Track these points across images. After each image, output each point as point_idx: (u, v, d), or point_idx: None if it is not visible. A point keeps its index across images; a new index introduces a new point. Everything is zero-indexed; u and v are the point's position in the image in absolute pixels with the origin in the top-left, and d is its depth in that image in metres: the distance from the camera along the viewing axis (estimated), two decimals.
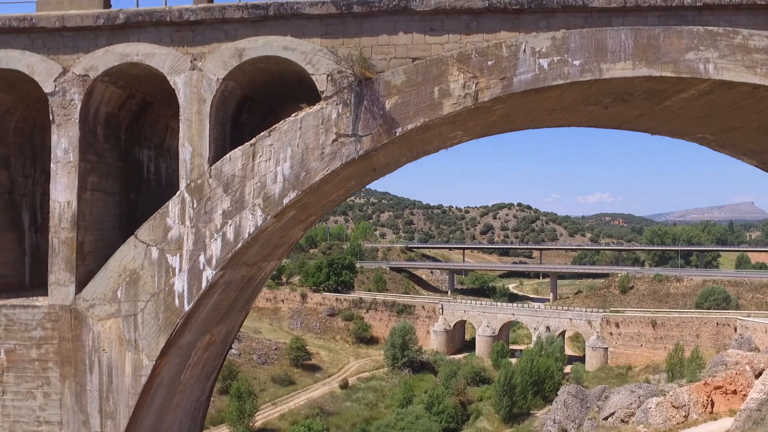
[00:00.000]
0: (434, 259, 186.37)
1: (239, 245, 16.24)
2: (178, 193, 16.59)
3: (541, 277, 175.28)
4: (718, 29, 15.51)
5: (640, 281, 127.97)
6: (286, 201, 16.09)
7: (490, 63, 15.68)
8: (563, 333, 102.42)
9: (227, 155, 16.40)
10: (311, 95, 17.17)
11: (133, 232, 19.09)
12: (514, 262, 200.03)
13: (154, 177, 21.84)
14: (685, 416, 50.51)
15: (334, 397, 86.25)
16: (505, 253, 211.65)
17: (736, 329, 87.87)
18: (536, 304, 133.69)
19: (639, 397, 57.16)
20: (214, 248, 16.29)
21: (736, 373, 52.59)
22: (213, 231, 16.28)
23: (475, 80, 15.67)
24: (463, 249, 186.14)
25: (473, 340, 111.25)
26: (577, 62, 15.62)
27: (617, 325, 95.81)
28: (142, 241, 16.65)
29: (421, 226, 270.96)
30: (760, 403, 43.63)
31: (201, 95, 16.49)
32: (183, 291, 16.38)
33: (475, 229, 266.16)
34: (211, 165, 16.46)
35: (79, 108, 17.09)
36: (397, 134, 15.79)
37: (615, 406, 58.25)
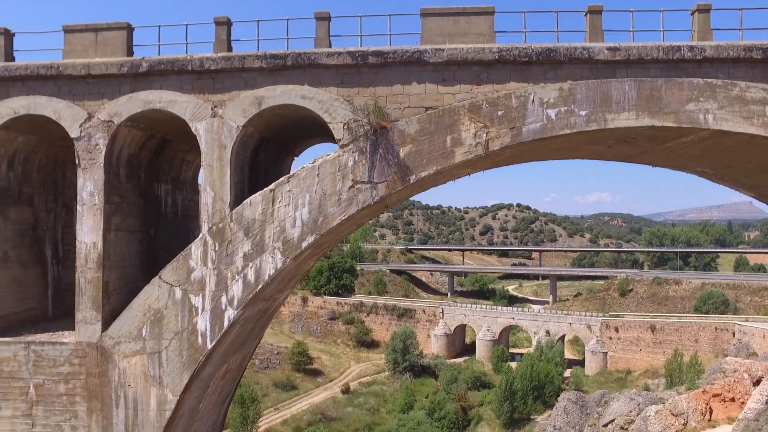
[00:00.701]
0: (434, 261, 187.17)
1: (260, 286, 16.96)
2: (200, 236, 17.29)
3: (540, 279, 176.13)
4: (717, 81, 16.26)
5: (639, 284, 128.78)
6: (304, 244, 16.81)
7: (500, 113, 16.41)
8: (563, 337, 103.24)
9: (248, 200, 17.10)
10: (326, 133, 17.90)
11: (153, 267, 19.87)
12: (514, 264, 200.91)
13: (171, 210, 22.54)
14: (684, 424, 51.39)
15: (336, 402, 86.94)
16: (504, 254, 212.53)
17: (734, 334, 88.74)
18: (536, 307, 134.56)
19: (638, 405, 58.05)
20: (236, 289, 17.00)
21: (735, 381, 53.46)
22: (234, 273, 16.99)
23: (486, 130, 16.39)
24: (463, 251, 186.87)
25: (473, 343, 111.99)
26: (583, 112, 16.35)
27: (616, 330, 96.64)
28: (166, 282, 17.35)
29: (420, 226, 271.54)
30: (757, 413, 44.46)
31: (222, 142, 17.19)
32: (206, 330, 17.09)
33: (474, 230, 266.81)
34: (232, 209, 17.16)
35: (103, 152, 17.79)
36: (411, 181, 16.52)
37: (615, 413, 59.15)
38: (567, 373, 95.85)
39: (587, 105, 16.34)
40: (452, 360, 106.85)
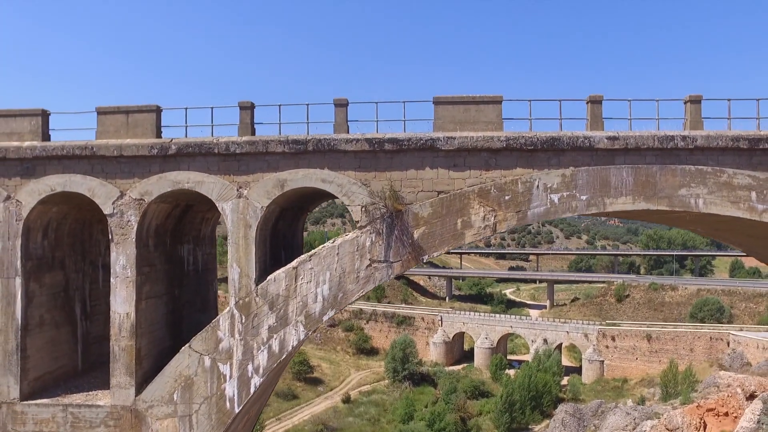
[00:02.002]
0: (432, 264, 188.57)
1: (284, 356, 18.24)
2: (227, 309, 18.53)
3: (538, 282, 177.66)
4: (707, 168, 17.58)
5: (636, 290, 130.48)
6: (325, 318, 18.09)
7: (507, 198, 17.70)
8: (560, 345, 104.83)
9: (272, 276, 18.36)
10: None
11: (178, 325, 21.17)
12: (511, 267, 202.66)
13: (193, 267, 23.76)
14: None
15: (337, 412, 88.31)
16: (501, 256, 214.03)
17: (729, 344, 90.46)
18: (534, 313, 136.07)
19: (634, 420, 59.67)
20: (261, 358, 18.26)
21: (728, 396, 55.00)
22: (260, 343, 18.25)
23: (494, 213, 17.68)
24: (461, 254, 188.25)
25: (472, 350, 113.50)
26: (584, 197, 17.65)
27: (613, 339, 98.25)
28: (196, 351, 18.59)
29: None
30: None
31: (247, 221, 18.42)
32: (233, 395, 18.35)
33: None
34: (257, 284, 18.40)
35: (135, 228, 19.01)
36: (424, 260, 17.81)
37: (611, 427, 60.76)
38: (564, 381, 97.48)
39: (588, 190, 17.64)
40: (451, 367, 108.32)
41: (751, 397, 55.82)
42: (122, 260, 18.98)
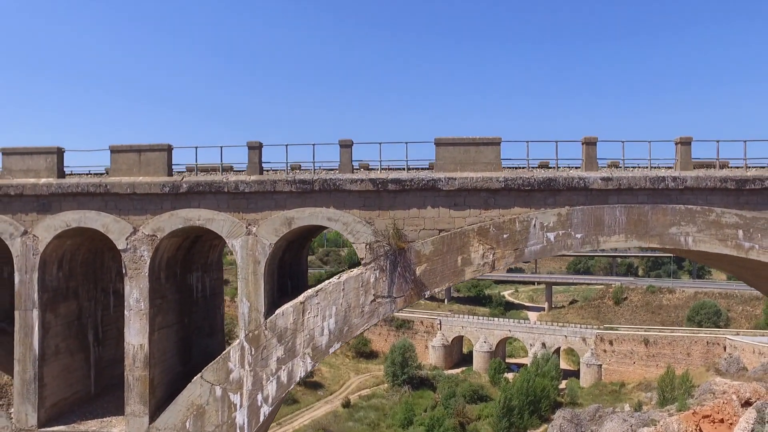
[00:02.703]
0: None
1: (292, 386, 19.04)
2: (237, 341, 19.31)
3: (536, 284, 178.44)
4: (697, 208, 18.37)
5: (634, 292, 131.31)
6: (331, 350, 18.88)
7: (505, 236, 18.49)
8: (558, 349, 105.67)
9: (280, 310, 19.14)
10: None
11: (188, 351, 21.94)
12: (510, 268, 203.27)
13: (201, 293, 24.53)
14: None
15: (337, 417, 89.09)
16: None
17: (725, 348, 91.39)
18: (532, 316, 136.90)
19: (631, 426, 60.56)
20: (270, 389, 19.05)
21: (724, 402, 55.85)
22: (269, 374, 19.03)
23: (493, 251, 18.47)
24: None
25: (470, 353, 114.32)
26: (578, 235, 18.45)
27: (611, 343, 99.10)
28: (208, 381, 19.37)
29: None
30: None
31: (256, 258, 19.19)
32: (243, 424, 19.14)
33: None
34: (265, 317, 19.18)
35: (148, 263, 19.77)
36: (426, 296, 18.60)
37: None
38: (562, 384, 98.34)
39: (582, 228, 18.44)
40: (450, 371, 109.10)
41: (747, 403, 56.65)
42: (136, 293, 19.74)
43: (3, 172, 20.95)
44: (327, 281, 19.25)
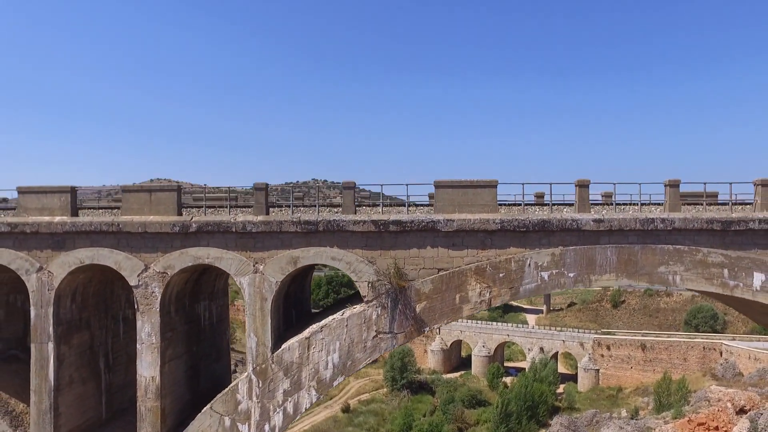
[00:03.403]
0: None
1: (297, 417, 19.88)
2: (245, 374, 20.16)
3: None
4: (684, 248, 19.24)
5: (631, 295, 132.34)
6: (335, 383, 19.75)
7: (501, 275, 19.35)
8: (556, 353, 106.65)
9: (287, 345, 19.99)
10: None
11: (196, 378, 22.79)
12: None
13: (208, 322, 25.37)
14: None
15: (337, 422, 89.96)
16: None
17: (721, 353, 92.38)
18: (530, 317, 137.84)
19: None
20: (277, 419, 19.90)
21: (718, 410, 56.82)
22: (276, 406, 19.89)
23: (489, 289, 19.33)
24: None
25: (469, 357, 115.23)
26: (571, 274, 19.31)
27: (608, 348, 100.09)
28: (217, 412, 20.23)
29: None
30: None
31: (263, 294, 20.04)
32: None
33: None
34: (272, 351, 20.03)
35: (159, 299, 20.61)
36: (425, 332, 19.45)
37: None
38: (560, 388, 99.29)
39: (575, 268, 19.30)
40: (449, 375, 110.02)
41: (741, 411, 57.65)
42: (147, 328, 20.59)
43: (19, 209, 21.77)
44: (331, 317, 20.10)
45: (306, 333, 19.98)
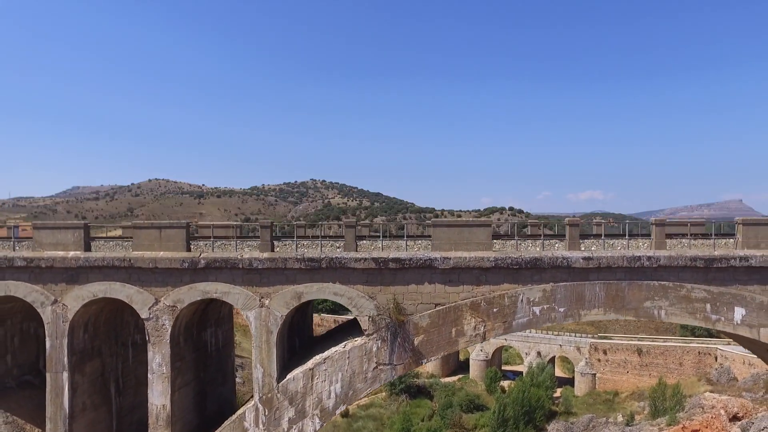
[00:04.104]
0: None
1: None
2: (252, 403, 21.16)
3: None
4: (669, 284, 20.25)
5: None
6: (337, 411, 20.75)
7: (495, 310, 20.36)
8: (553, 358, 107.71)
9: (291, 375, 20.98)
10: None
11: (203, 401, 23.78)
12: None
13: (215, 347, 26.35)
14: None
15: (336, 427, 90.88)
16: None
17: (716, 358, 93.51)
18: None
19: None
20: None
21: (712, 417, 58.01)
22: None
23: (484, 324, 20.34)
24: None
25: (467, 360, 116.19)
26: (561, 309, 20.32)
27: (605, 352, 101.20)
28: None
29: (413, 230, 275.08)
30: None
31: (269, 328, 21.03)
32: None
33: None
34: (278, 382, 21.02)
35: (169, 331, 21.59)
36: (423, 363, 20.45)
37: None
38: (557, 392, 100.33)
39: (565, 303, 20.31)
40: (447, 379, 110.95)
41: (735, 418, 58.81)
42: (158, 359, 21.57)
43: (34, 244, 22.73)
44: (333, 349, 21.08)
45: (309, 364, 20.97)
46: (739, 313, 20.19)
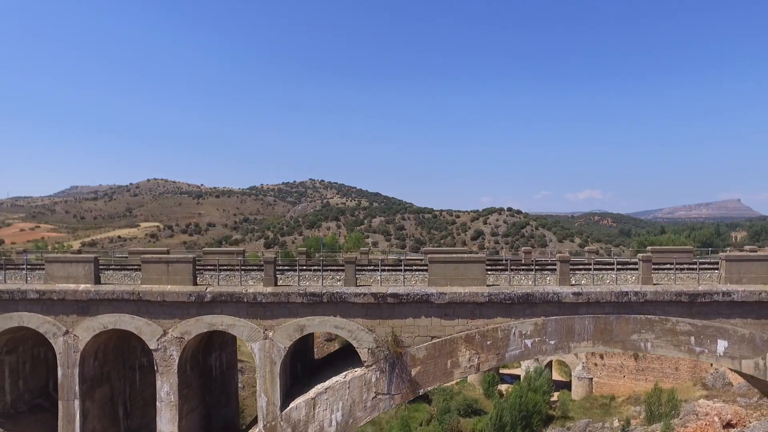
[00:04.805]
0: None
1: None
2: (257, 430, 22.09)
3: None
4: (655, 317, 21.21)
5: None
6: None
7: (488, 343, 21.30)
8: (550, 362, 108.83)
9: (294, 404, 21.92)
10: None
11: (208, 424, 24.65)
12: None
13: (219, 370, 27.29)
14: None
15: None
16: (495, 262, 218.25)
17: (712, 363, 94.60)
18: None
19: None
20: None
21: (706, 424, 59.06)
22: None
23: (478, 356, 21.28)
24: None
25: None
26: (552, 342, 21.27)
27: (602, 357, 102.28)
28: None
29: (412, 231, 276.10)
30: None
31: (272, 359, 21.96)
32: None
33: (465, 235, 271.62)
34: (281, 410, 21.96)
35: (177, 361, 22.51)
36: (420, 393, 21.40)
37: None
38: (555, 396, 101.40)
39: (556, 336, 21.26)
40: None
41: (728, 425, 59.90)
42: (166, 387, 22.50)
43: (46, 277, 23.63)
44: (334, 379, 22.02)
45: (312, 393, 21.91)
46: (722, 345, 21.16)
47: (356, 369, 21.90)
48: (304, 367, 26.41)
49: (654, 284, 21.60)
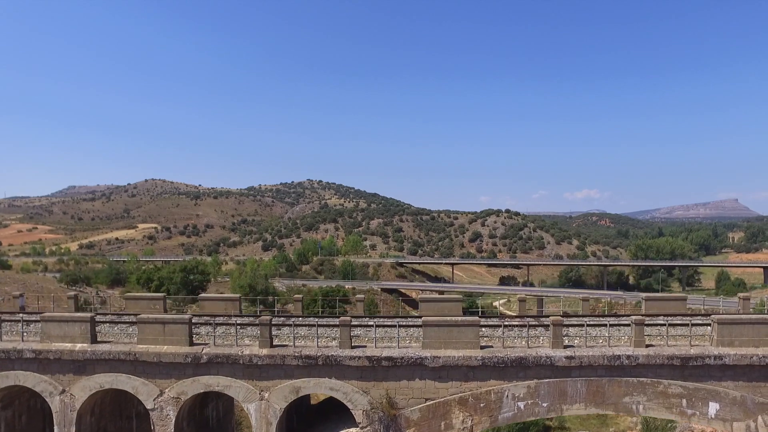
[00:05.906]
0: (424, 274, 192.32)
1: None
2: None
3: (528, 288, 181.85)
4: (647, 380, 21.41)
5: (622, 308, 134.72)
6: None
7: (482, 405, 21.50)
8: None
9: None
10: None
11: None
12: (503, 277, 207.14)
13: (216, 420, 27.47)
14: None
15: None
16: (493, 264, 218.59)
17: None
18: None
19: None
20: None
21: None
22: None
23: (471, 418, 21.48)
24: (452, 264, 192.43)
25: None
26: (545, 404, 21.47)
27: None
28: None
29: (410, 233, 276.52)
30: None
31: (268, 420, 22.13)
32: None
33: (463, 237, 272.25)
34: None
35: (173, 420, 22.68)
36: None
37: None
38: None
39: (548, 399, 21.46)
40: None
41: None
42: None
43: (43, 336, 23.76)
44: None
45: None
46: (713, 407, 21.37)
47: (351, 429, 22.07)
48: (300, 419, 26.57)
49: (646, 346, 21.79)
